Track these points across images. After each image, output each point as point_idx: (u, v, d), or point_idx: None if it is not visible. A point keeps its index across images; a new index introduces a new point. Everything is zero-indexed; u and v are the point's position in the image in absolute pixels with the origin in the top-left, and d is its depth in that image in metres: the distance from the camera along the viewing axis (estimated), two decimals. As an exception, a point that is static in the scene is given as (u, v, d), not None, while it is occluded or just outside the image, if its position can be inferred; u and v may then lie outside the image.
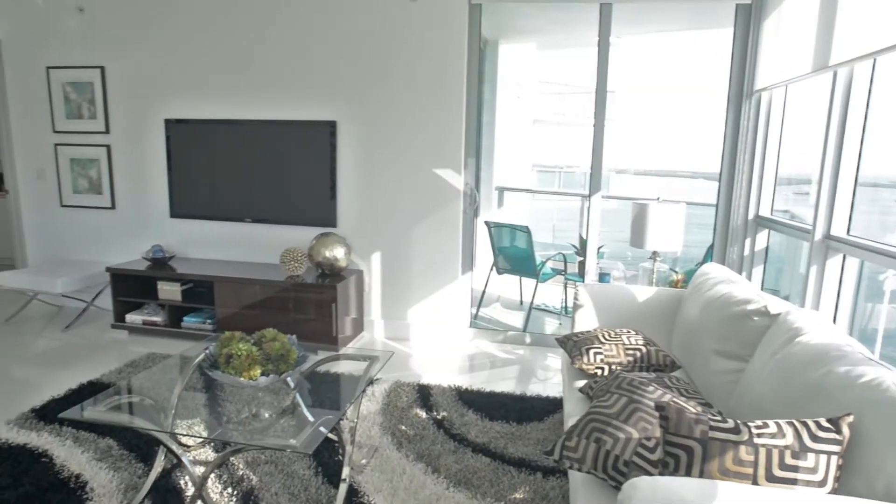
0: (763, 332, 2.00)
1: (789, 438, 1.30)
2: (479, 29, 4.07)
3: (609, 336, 2.54)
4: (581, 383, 2.41)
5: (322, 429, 2.01)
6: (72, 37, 4.58)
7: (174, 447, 2.01)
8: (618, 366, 2.41)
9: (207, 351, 2.36)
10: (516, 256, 5.00)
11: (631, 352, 2.44)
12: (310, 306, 3.98)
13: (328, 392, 2.75)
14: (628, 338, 2.52)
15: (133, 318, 4.31)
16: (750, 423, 1.35)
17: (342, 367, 2.93)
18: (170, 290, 4.20)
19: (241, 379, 2.16)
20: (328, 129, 4.17)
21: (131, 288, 4.37)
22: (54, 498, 2.29)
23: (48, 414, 2.99)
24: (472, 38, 4.04)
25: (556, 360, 4.06)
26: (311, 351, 2.56)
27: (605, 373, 2.41)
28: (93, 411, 2.11)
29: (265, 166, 4.32)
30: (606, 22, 3.91)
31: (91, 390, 3.29)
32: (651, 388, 1.72)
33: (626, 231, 3.71)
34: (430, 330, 4.35)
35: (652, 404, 1.63)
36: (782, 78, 3.27)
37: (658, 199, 3.54)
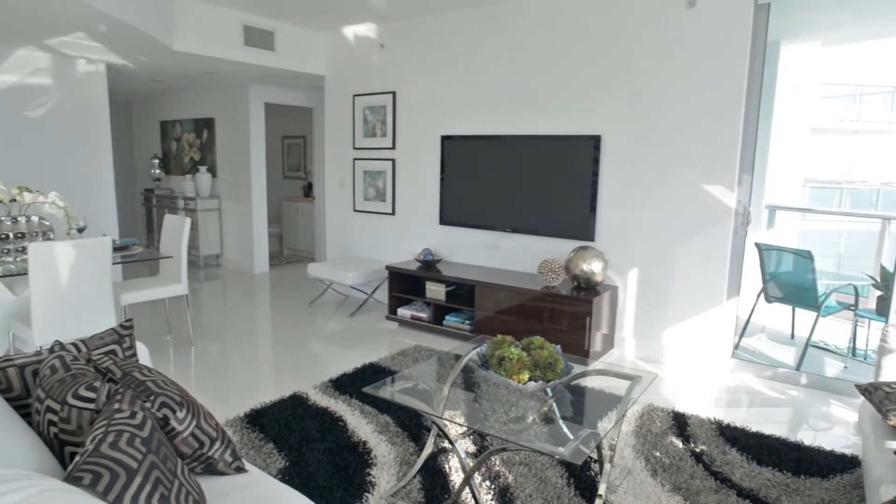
0: None
1: None
2: (766, 31, 3.70)
3: (936, 392, 2.09)
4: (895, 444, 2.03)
5: (590, 442, 2.04)
6: (372, 69, 5.39)
7: (449, 435, 2.23)
8: (949, 430, 1.97)
9: (479, 351, 2.56)
10: (792, 284, 4.41)
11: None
12: (563, 317, 4.05)
13: (580, 405, 2.77)
14: (965, 397, 2.05)
15: (403, 312, 4.88)
16: None
17: (593, 382, 2.92)
18: (435, 290, 4.65)
19: (511, 381, 2.30)
20: (592, 144, 4.20)
21: (404, 285, 4.95)
22: (349, 456, 2.71)
23: (342, 385, 3.55)
24: (756, 41, 3.69)
25: (841, 409, 3.48)
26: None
27: (930, 436, 1.99)
28: (386, 391, 2.44)
29: (527, 179, 4.53)
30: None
31: (371, 370, 3.81)
32: None
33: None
34: (687, 355, 4.08)
35: None
36: None
37: None
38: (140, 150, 8.80)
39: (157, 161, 8.16)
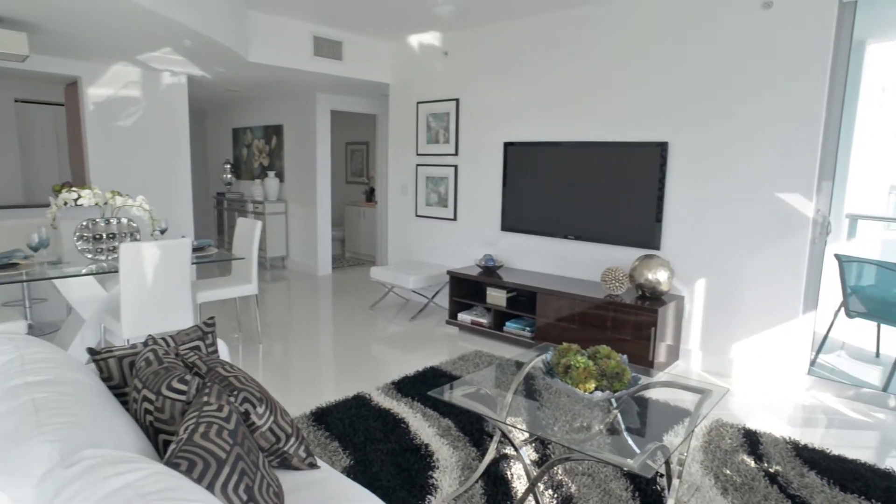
0: None
1: None
2: (852, 31, 3.52)
3: None
4: None
5: (659, 455, 2.00)
6: (436, 76, 5.47)
7: (515, 442, 2.23)
8: None
9: (543, 358, 2.55)
10: (878, 299, 4.16)
11: None
12: (627, 327, 3.97)
13: (645, 417, 2.71)
14: None
15: (463, 317, 4.91)
16: None
17: (657, 394, 2.85)
18: (496, 296, 4.66)
19: (577, 390, 2.28)
20: (658, 151, 4.11)
21: (464, 290, 4.98)
22: (412, 458, 2.76)
23: (404, 388, 3.61)
24: (840, 41, 3.52)
25: (933, 434, 3.25)
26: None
27: None
28: (450, 395, 2.47)
29: (590, 186, 4.48)
30: None
31: (432, 374, 3.85)
32: None
33: None
34: (757, 370, 3.92)
35: None
36: None
37: None
38: (213, 156, 9.23)
39: (228, 166, 8.54)
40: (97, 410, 1.26)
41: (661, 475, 2.65)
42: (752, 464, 2.80)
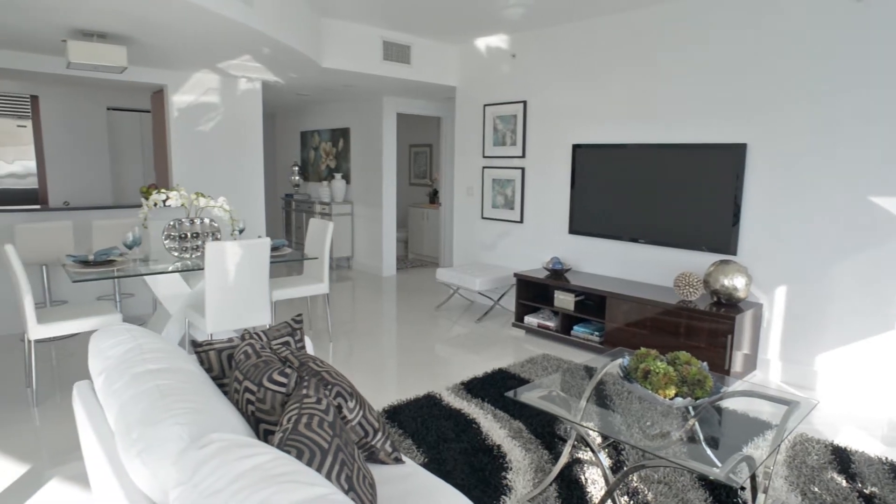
0: None
1: None
2: (955, 26, 3.30)
3: None
4: None
5: (745, 466, 1.94)
6: (503, 79, 5.48)
7: (593, 445, 2.21)
8: None
9: (620, 363, 2.51)
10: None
11: None
12: (701, 334, 3.85)
13: (722, 427, 2.62)
14: None
15: (530, 319, 4.89)
16: None
17: (734, 404, 2.75)
18: (564, 300, 4.62)
19: (658, 396, 2.24)
20: (736, 153, 3.97)
21: (531, 293, 4.96)
22: (484, 458, 2.77)
23: (473, 388, 3.63)
24: (942, 37, 3.30)
25: None
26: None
27: None
28: (527, 396, 2.48)
29: (662, 189, 4.37)
30: None
31: (501, 376, 3.86)
32: None
33: None
34: (846, 383, 3.72)
35: None
36: None
37: None
38: (281, 158, 9.56)
39: (296, 168, 8.83)
40: (210, 398, 1.34)
41: (744, 488, 2.56)
42: (844, 483, 2.66)
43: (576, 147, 4.90)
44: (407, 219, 9.07)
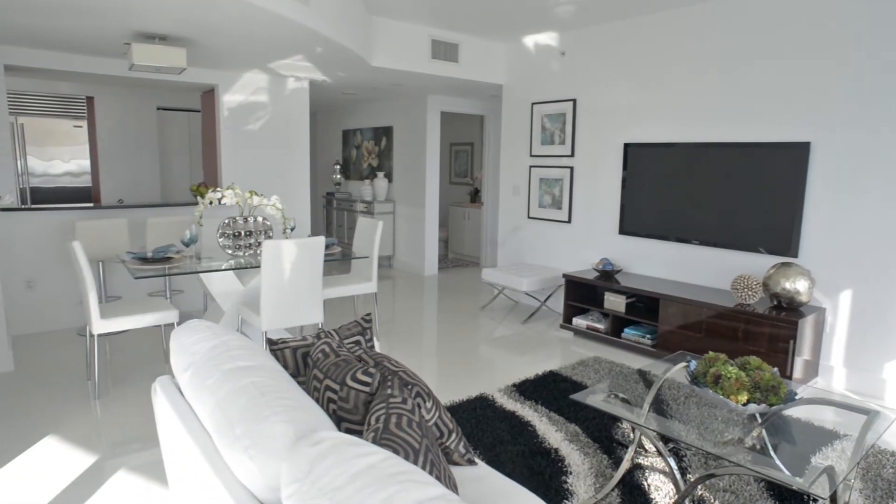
0: None
1: None
2: None
3: None
4: None
5: (827, 477, 1.86)
6: (552, 76, 5.42)
7: (663, 451, 2.15)
8: None
9: (687, 367, 2.45)
10: None
11: None
12: (761, 339, 3.74)
13: (790, 435, 2.53)
14: None
15: (578, 321, 4.82)
16: None
17: (795, 412, 2.66)
18: (615, 302, 4.54)
19: (730, 401, 2.17)
20: (798, 151, 3.84)
21: (579, 294, 4.89)
22: (542, 462, 2.74)
23: (525, 390, 3.60)
24: None
25: None
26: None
27: None
28: (593, 399, 2.43)
29: (717, 189, 4.26)
30: None
31: (553, 379, 3.81)
32: None
33: None
34: (914, 393, 3.56)
35: None
36: None
37: None
38: (323, 157, 9.66)
39: (338, 167, 8.91)
40: (302, 396, 1.34)
41: (815, 499, 2.47)
42: (922, 496, 2.54)
43: (627, 146, 4.81)
44: (447, 218, 9.06)
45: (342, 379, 1.56)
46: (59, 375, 3.80)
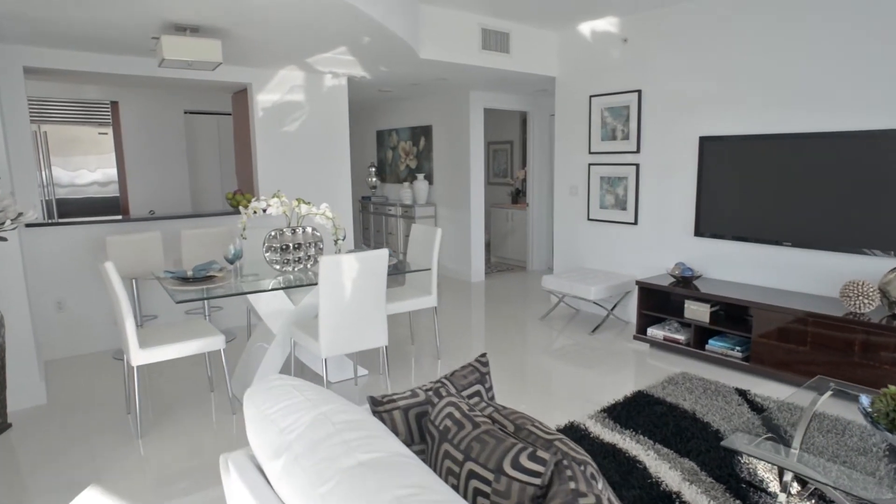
0: None
1: None
2: None
3: None
4: None
5: None
6: (612, 66, 4.97)
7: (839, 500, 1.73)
8: None
9: (862, 406, 2.01)
10: None
11: None
12: (880, 352, 3.27)
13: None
14: None
15: (654, 332, 4.38)
16: None
17: None
18: (697, 310, 4.09)
19: (940, 455, 1.73)
20: (922, 138, 3.36)
21: (654, 302, 4.45)
22: (666, 514, 2.32)
23: (618, 416, 3.18)
24: None
25: None
26: None
27: None
28: (744, 447, 2.01)
29: (813, 184, 3.79)
30: None
31: (644, 400, 3.39)
32: None
33: None
34: None
35: None
36: None
37: None
38: (357, 159, 9.28)
39: (373, 169, 8.53)
40: (449, 495, 0.95)
41: None
42: None
43: (703, 139, 4.35)
44: (489, 220, 8.63)
45: (498, 465, 1.16)
46: (96, 408, 3.47)
